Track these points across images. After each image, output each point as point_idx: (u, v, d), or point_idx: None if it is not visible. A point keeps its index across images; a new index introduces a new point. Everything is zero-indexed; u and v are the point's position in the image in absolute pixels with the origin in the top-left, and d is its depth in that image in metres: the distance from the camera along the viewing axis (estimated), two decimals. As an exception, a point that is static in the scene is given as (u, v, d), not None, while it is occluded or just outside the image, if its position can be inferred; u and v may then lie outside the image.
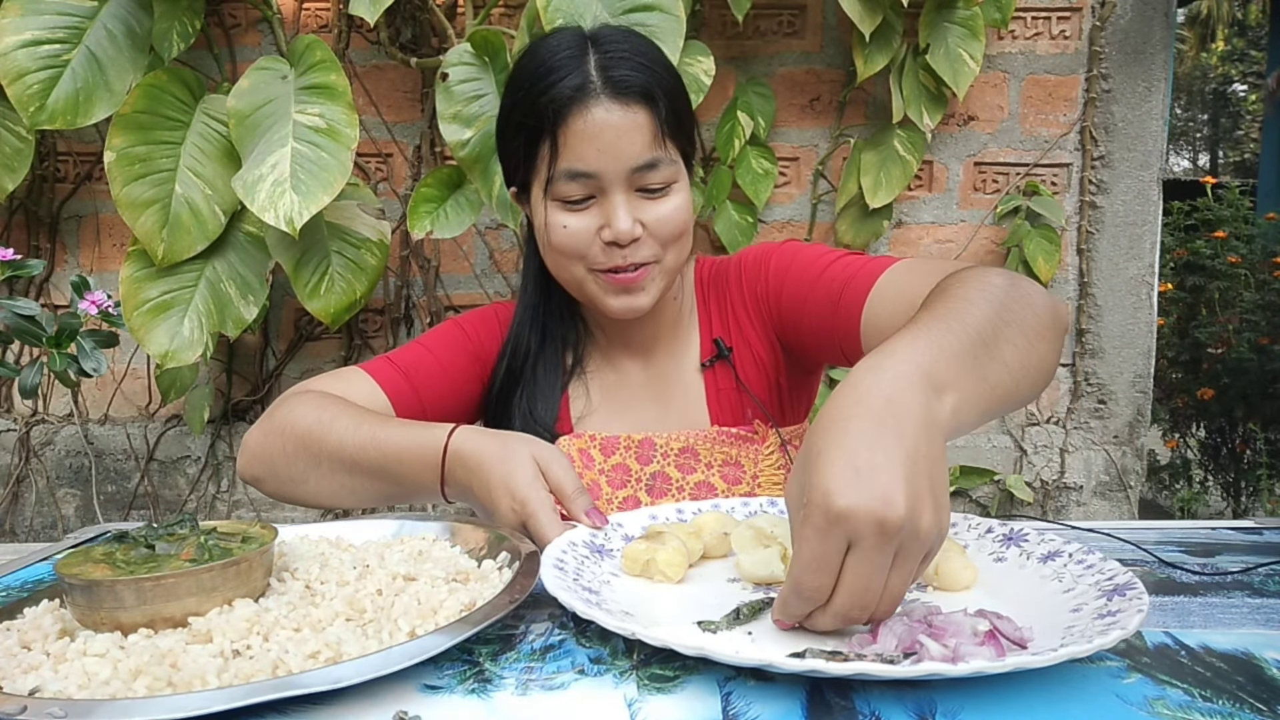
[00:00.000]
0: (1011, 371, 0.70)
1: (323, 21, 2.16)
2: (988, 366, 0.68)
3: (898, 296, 0.92)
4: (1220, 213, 3.74)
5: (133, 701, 0.49)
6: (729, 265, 1.17)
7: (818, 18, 2.15)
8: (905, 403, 0.59)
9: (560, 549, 0.74)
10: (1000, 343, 0.70)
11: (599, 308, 1.05)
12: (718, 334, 1.14)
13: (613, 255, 1.00)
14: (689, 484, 1.07)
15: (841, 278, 1.01)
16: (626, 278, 1.00)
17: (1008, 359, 0.70)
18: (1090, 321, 2.19)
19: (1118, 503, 2.23)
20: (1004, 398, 0.70)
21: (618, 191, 0.98)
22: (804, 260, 1.07)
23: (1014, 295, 0.76)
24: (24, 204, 2.20)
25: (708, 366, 1.13)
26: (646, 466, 1.08)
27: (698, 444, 1.08)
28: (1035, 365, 0.74)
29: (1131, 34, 2.12)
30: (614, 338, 1.15)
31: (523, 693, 0.55)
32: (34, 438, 2.27)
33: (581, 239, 1.00)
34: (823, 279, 1.03)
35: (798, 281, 1.07)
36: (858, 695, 0.54)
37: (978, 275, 0.79)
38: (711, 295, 1.16)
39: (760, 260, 1.13)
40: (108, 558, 0.62)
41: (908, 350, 0.63)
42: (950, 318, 0.69)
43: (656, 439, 1.09)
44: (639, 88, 0.97)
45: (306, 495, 0.98)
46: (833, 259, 1.05)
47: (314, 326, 2.23)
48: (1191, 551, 0.85)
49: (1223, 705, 0.52)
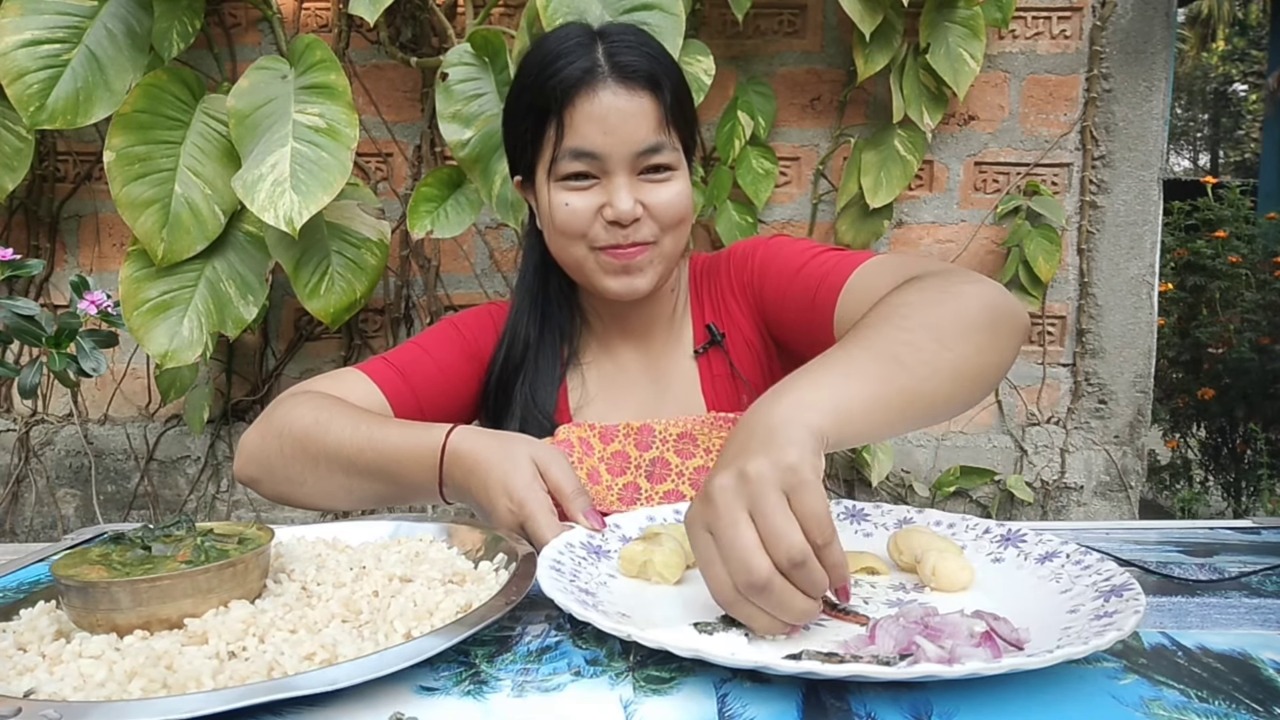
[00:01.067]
0: (920, 374, 0.71)
1: (323, 21, 2.16)
2: (884, 371, 0.70)
3: (866, 294, 0.92)
4: (1221, 212, 3.73)
5: (128, 703, 0.48)
6: (720, 257, 1.19)
7: (818, 17, 2.15)
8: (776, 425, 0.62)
9: (557, 550, 0.74)
10: (901, 348, 0.72)
11: (598, 289, 1.06)
12: (710, 321, 1.15)
13: (613, 234, 1.01)
14: (688, 469, 1.08)
15: (818, 274, 1.02)
16: (625, 253, 1.02)
17: (909, 362, 0.71)
18: (1091, 321, 2.19)
19: (1118, 503, 2.23)
20: (911, 400, 0.71)
21: (621, 173, 1.00)
22: (786, 255, 1.09)
23: (937, 297, 0.78)
24: (24, 204, 2.20)
25: (701, 353, 1.14)
26: (646, 452, 1.08)
27: (695, 429, 1.09)
28: (952, 366, 0.74)
29: (1132, 34, 2.11)
30: (610, 326, 1.16)
31: (519, 694, 0.55)
32: (34, 438, 2.27)
33: (583, 217, 1.01)
34: (801, 274, 1.05)
35: (779, 275, 1.08)
36: (853, 697, 0.54)
37: (905, 290, 0.80)
38: (704, 287, 1.18)
39: (748, 252, 1.15)
40: (104, 559, 0.62)
41: (800, 385, 0.67)
42: (853, 338, 0.73)
43: (655, 425, 1.09)
44: (645, 74, 0.99)
45: (304, 496, 0.98)
46: (813, 254, 1.06)
47: (314, 326, 2.23)
48: (1190, 551, 0.85)
49: (1219, 706, 0.52)
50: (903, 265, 0.92)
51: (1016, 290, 2.15)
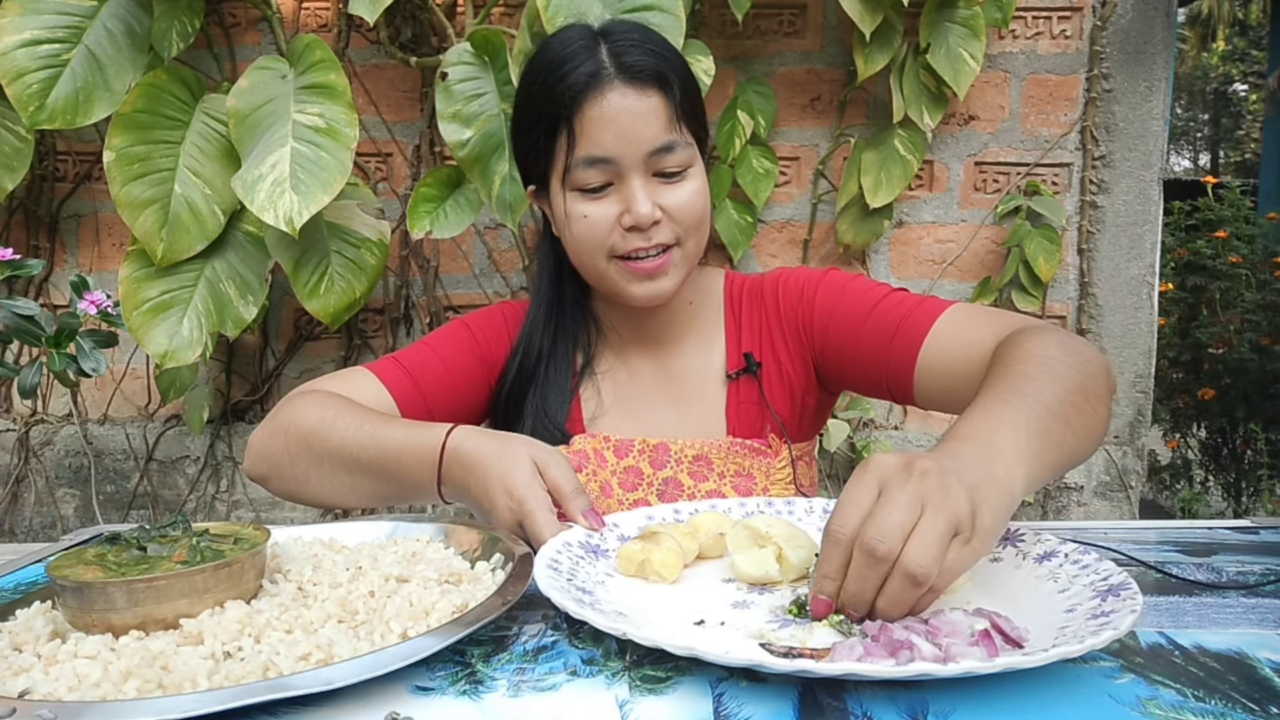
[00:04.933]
0: (1077, 434, 0.76)
1: (322, 21, 2.16)
2: (1055, 433, 0.73)
3: (957, 343, 0.96)
4: (1221, 213, 3.73)
5: (123, 703, 0.48)
6: (765, 283, 1.16)
7: (818, 17, 2.15)
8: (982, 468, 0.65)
9: (555, 549, 0.74)
10: (1068, 409, 0.76)
11: (622, 297, 1.05)
12: (748, 348, 1.13)
13: (633, 239, 1.00)
14: (700, 491, 1.07)
15: (895, 315, 1.02)
16: (650, 264, 1.01)
17: (1074, 424, 0.76)
18: (1091, 321, 2.18)
19: (1118, 503, 2.23)
20: (1070, 458, 0.77)
21: (635, 176, 0.99)
22: (854, 293, 1.08)
23: (1078, 363, 0.81)
24: (23, 204, 2.20)
25: (734, 379, 1.13)
26: (659, 471, 1.08)
27: (712, 453, 1.08)
28: (1097, 426, 0.81)
29: (1132, 34, 2.11)
30: (627, 336, 1.15)
31: (514, 694, 0.55)
32: (33, 438, 2.27)
33: (602, 227, 1.00)
34: (874, 314, 1.04)
35: (847, 314, 1.07)
36: (849, 696, 0.54)
37: (1038, 346, 0.83)
38: (744, 310, 1.16)
39: (804, 286, 1.12)
40: (100, 559, 0.62)
41: (992, 424, 0.70)
42: (1027, 392, 0.75)
43: (671, 445, 1.08)
44: (652, 72, 0.98)
45: (309, 494, 0.99)
46: (884, 294, 1.06)
47: (313, 326, 2.23)
48: (1188, 551, 0.85)
49: (1215, 705, 0.52)
50: (991, 320, 0.95)
51: (1016, 290, 2.15)
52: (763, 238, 2.21)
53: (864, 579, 0.59)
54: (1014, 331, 0.89)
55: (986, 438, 0.67)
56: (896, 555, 0.58)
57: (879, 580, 0.59)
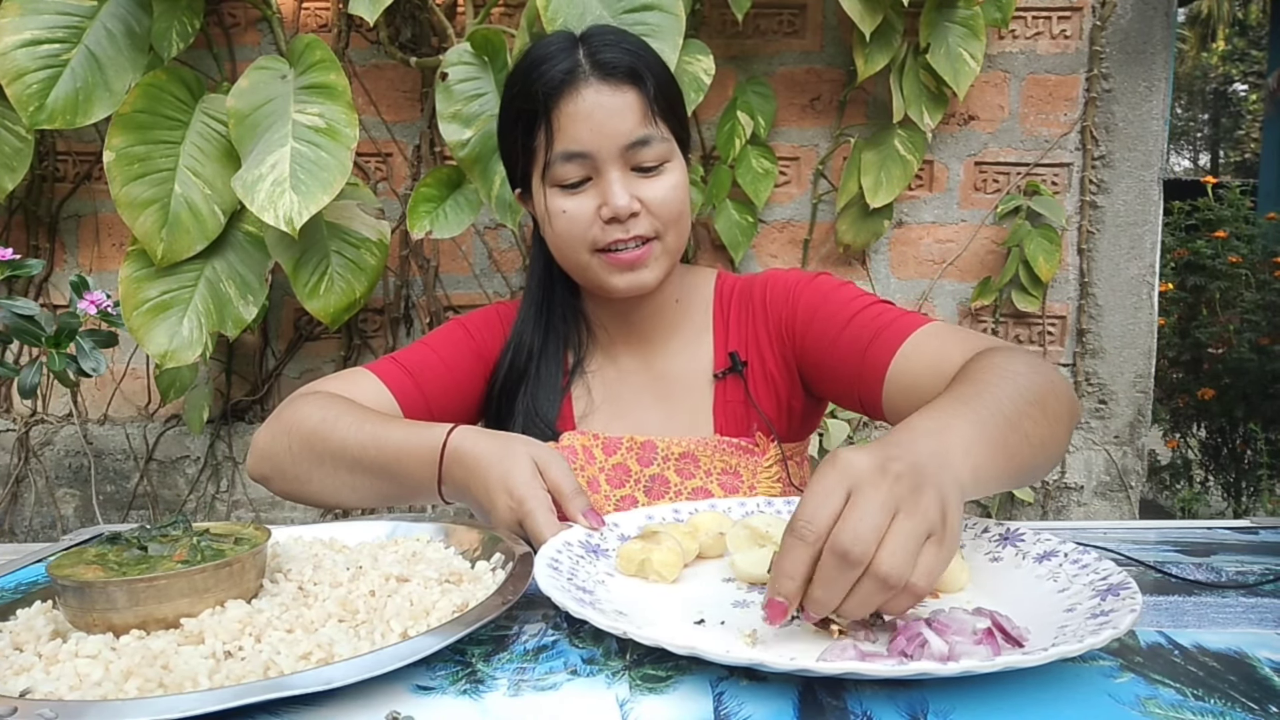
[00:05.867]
0: (1032, 445, 0.75)
1: (322, 21, 2.16)
2: (1010, 440, 0.72)
3: (927, 360, 0.96)
4: (1221, 213, 3.73)
5: (124, 702, 0.48)
6: (754, 283, 1.17)
7: (818, 17, 2.15)
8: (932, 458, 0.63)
9: (555, 548, 0.74)
10: (1024, 420, 0.75)
11: (604, 289, 1.06)
12: (734, 347, 1.14)
13: (612, 231, 1.02)
14: (686, 489, 1.08)
15: (871, 328, 1.02)
16: (630, 256, 1.02)
17: (1030, 434, 0.75)
18: (1091, 321, 2.18)
19: (1118, 503, 2.23)
20: (1021, 468, 0.75)
21: (612, 169, 1.01)
22: (836, 301, 1.08)
23: (1042, 381, 0.81)
24: (23, 204, 2.20)
25: (720, 378, 1.13)
26: (646, 468, 1.09)
27: (699, 451, 1.09)
28: (1054, 443, 0.80)
29: (1132, 34, 2.11)
30: (615, 335, 1.16)
31: (514, 693, 0.55)
32: (33, 438, 2.27)
33: (581, 221, 1.02)
34: (852, 325, 1.04)
35: (826, 321, 1.07)
36: (850, 695, 0.54)
37: (1004, 360, 0.83)
38: (733, 309, 1.16)
39: (791, 288, 1.13)
40: (100, 559, 0.62)
41: (947, 420, 0.69)
42: (986, 396, 0.74)
43: (658, 442, 1.09)
44: (625, 68, 1.01)
45: (311, 494, 0.99)
46: (864, 305, 1.06)
47: (313, 326, 2.23)
48: (1188, 551, 0.85)
49: (1214, 704, 0.52)
50: (963, 338, 0.95)
51: (1016, 290, 2.15)
52: (763, 238, 2.21)
53: (833, 582, 0.56)
54: (984, 350, 0.89)
55: (939, 433, 0.67)
56: (870, 559, 0.56)
57: (849, 584, 0.56)
